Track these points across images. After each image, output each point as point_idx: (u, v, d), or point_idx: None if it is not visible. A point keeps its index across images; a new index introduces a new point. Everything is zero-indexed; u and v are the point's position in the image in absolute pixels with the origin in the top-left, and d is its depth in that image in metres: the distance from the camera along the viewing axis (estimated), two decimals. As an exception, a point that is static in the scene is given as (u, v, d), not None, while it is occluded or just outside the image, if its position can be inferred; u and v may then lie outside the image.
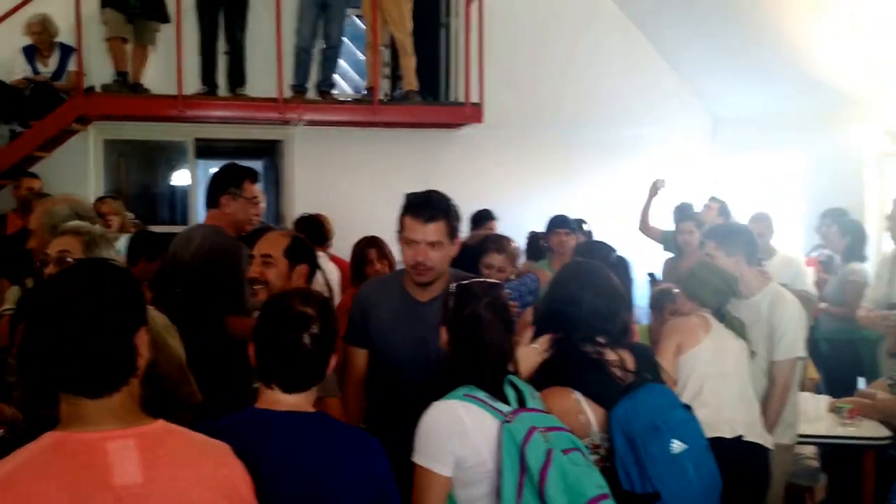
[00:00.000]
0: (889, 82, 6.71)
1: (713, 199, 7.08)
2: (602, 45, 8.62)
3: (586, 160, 8.76)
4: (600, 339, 2.83)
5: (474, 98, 7.78)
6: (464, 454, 2.42)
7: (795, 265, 6.05)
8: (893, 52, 6.45)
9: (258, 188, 4.23)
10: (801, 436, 4.33)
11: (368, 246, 5.40)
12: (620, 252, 4.20)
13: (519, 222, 7.37)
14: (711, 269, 3.93)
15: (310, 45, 7.67)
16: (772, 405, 3.91)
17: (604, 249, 4.12)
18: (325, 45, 7.76)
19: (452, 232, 3.12)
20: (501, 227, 6.65)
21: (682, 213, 6.70)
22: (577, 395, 2.74)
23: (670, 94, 8.89)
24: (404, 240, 3.09)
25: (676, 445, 2.62)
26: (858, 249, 6.32)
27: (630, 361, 2.83)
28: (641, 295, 5.99)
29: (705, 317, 3.82)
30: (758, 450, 3.63)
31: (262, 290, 3.19)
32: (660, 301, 5.33)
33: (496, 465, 2.41)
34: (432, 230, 3.04)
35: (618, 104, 8.73)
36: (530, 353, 2.84)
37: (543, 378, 2.80)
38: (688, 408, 2.82)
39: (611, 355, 2.81)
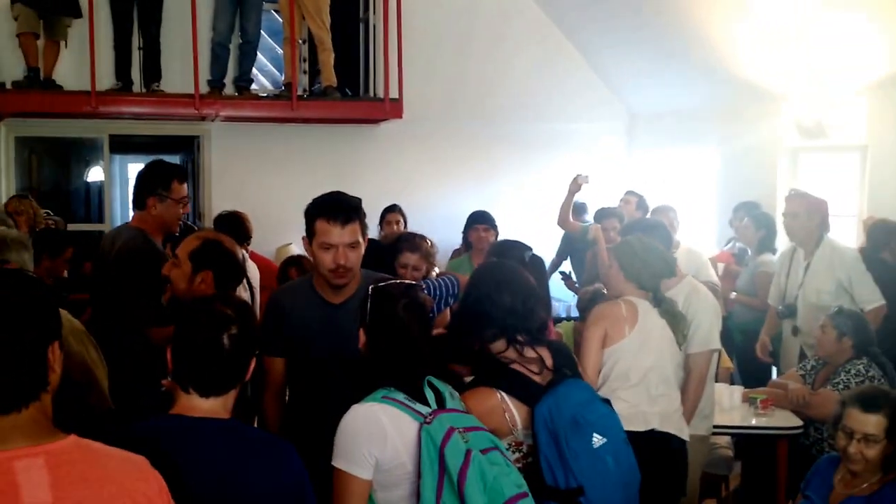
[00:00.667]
0: (801, 78, 6.88)
1: (631, 193, 7.18)
2: (521, 41, 8.67)
3: (506, 156, 8.81)
4: (520, 338, 2.83)
5: (394, 94, 7.74)
6: (383, 457, 2.41)
7: (698, 257, 6.15)
8: (806, 49, 6.62)
9: (185, 187, 4.13)
10: (716, 426, 4.43)
11: (290, 265, 5.33)
12: (534, 250, 4.22)
13: (440, 218, 7.39)
14: (653, 249, 3.84)
15: (226, 39, 7.54)
16: (688, 397, 3.97)
17: (518, 248, 4.14)
18: (241, 40, 7.64)
19: (364, 231, 3.14)
20: (423, 223, 6.61)
21: (604, 210, 6.74)
22: (502, 394, 2.75)
23: (588, 90, 8.98)
24: (321, 244, 3.05)
25: (597, 439, 2.66)
26: (770, 242, 6.51)
27: (549, 359, 2.85)
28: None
29: (634, 304, 3.74)
30: (673, 440, 3.66)
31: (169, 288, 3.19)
32: (591, 305, 5.42)
33: (415, 466, 2.41)
34: (349, 232, 3.03)
35: (536, 100, 8.80)
36: None
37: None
38: (606, 402, 2.87)
39: (530, 353, 2.82)
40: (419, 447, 2.39)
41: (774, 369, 5.95)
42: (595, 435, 2.67)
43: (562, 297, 7.71)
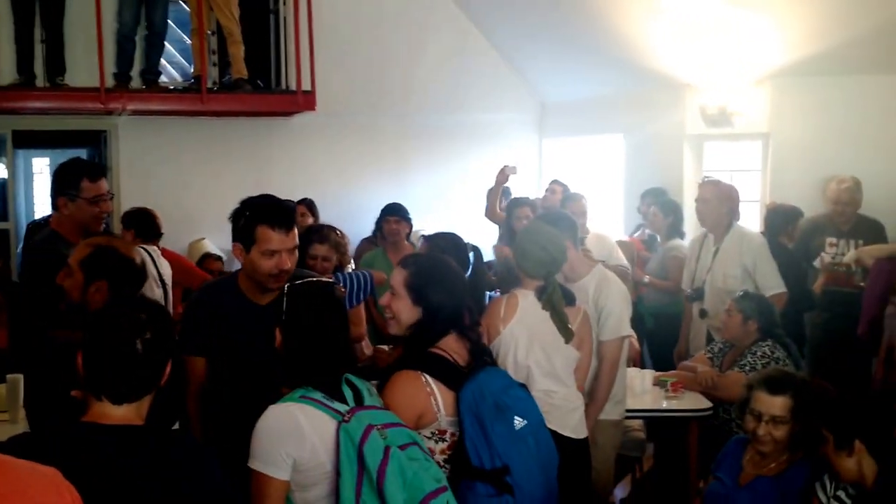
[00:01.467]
0: (705, 66, 7.09)
1: (556, 182, 7.24)
2: (433, 33, 8.68)
3: (419, 147, 8.83)
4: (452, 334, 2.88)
5: (306, 86, 7.66)
6: (301, 457, 2.41)
7: (608, 243, 6.24)
8: (710, 40, 6.81)
9: (104, 184, 4.02)
10: (629, 410, 4.53)
11: (209, 259, 5.26)
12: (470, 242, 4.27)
13: (354, 211, 7.38)
14: (535, 238, 3.78)
15: (132, 31, 7.33)
16: (601, 383, 4.07)
17: (457, 240, 4.17)
18: (147, 32, 7.45)
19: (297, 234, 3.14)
20: (337, 216, 6.59)
21: (517, 200, 6.79)
22: (426, 377, 2.76)
23: (500, 80, 9.05)
24: (263, 251, 3.02)
25: (518, 421, 2.75)
26: (678, 227, 6.70)
27: (468, 348, 2.90)
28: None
29: (517, 297, 3.69)
30: (563, 440, 3.50)
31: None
32: None
33: (334, 465, 2.42)
34: (292, 238, 3.05)
35: (449, 91, 8.82)
36: None
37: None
38: (523, 386, 2.95)
39: (453, 344, 2.87)
40: (338, 446, 2.40)
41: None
42: (516, 417, 2.75)
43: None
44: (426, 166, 8.83)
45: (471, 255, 4.22)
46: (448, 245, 4.10)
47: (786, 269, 5.50)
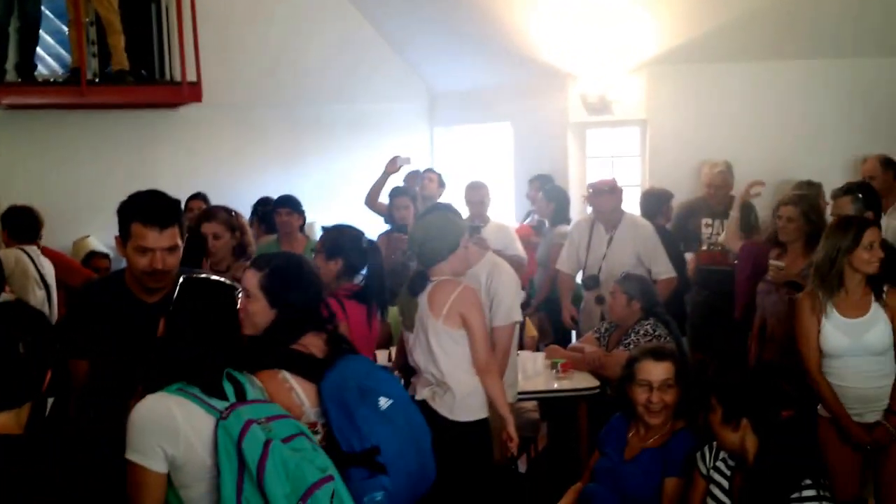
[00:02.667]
0: (585, 56, 7.28)
1: (430, 170, 7.34)
2: (321, 23, 8.63)
3: (311, 138, 8.81)
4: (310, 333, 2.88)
5: (191, 77, 7.53)
6: (177, 452, 2.38)
7: (507, 232, 6.38)
8: (589, 28, 7.00)
9: None
10: (522, 392, 4.70)
11: (94, 257, 5.16)
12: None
13: (247, 203, 7.31)
14: (416, 233, 4.02)
15: (5, 22, 7.07)
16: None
17: (355, 237, 4.20)
18: (21, 23, 7.18)
19: (182, 232, 3.04)
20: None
21: (396, 189, 6.81)
22: (285, 374, 2.75)
23: (389, 70, 9.07)
24: (136, 248, 2.93)
25: (383, 401, 2.76)
26: (563, 213, 6.89)
27: (325, 337, 2.91)
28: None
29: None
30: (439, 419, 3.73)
31: None
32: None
33: (215, 462, 2.39)
34: (168, 236, 2.93)
35: (340, 82, 8.80)
36: None
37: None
38: (385, 368, 3.02)
39: (311, 340, 2.87)
40: (216, 443, 2.38)
41: (574, 333, 6.31)
42: (381, 398, 2.76)
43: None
44: (318, 157, 8.81)
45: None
46: (344, 238, 4.15)
47: (666, 249, 5.76)
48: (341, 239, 4.12)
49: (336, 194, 8.17)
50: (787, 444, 3.01)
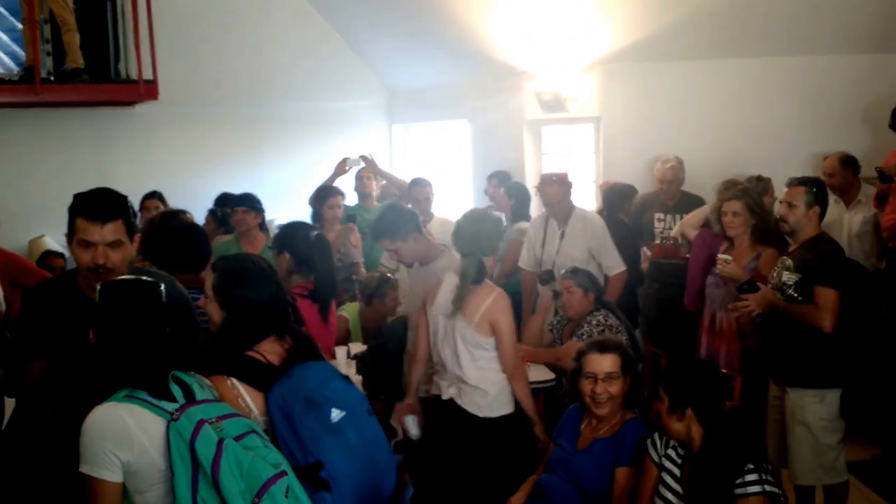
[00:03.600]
0: (539, 54, 7.36)
1: (365, 169, 7.28)
2: (279, 21, 8.63)
3: (272, 136, 8.81)
4: (272, 336, 2.86)
5: (147, 75, 7.49)
6: (131, 458, 2.39)
7: (451, 226, 6.46)
8: (543, 26, 7.08)
9: None
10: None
11: (49, 256, 5.12)
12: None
13: (208, 201, 7.31)
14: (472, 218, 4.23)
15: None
16: None
17: (303, 229, 4.26)
18: (-28, 21, 7.12)
19: (131, 230, 3.01)
20: (189, 207, 6.48)
21: (330, 188, 6.78)
22: (233, 381, 2.74)
23: (347, 67, 9.10)
24: (79, 242, 2.92)
25: (336, 413, 2.72)
26: (523, 209, 6.97)
27: (288, 345, 2.89)
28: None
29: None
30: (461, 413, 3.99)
31: None
32: (379, 290, 5.62)
33: (168, 465, 2.40)
34: (111, 230, 2.90)
35: (297, 79, 8.81)
36: None
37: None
38: (346, 378, 2.94)
39: (271, 346, 2.86)
40: (168, 445, 2.39)
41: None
42: (334, 410, 2.72)
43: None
44: (278, 155, 8.81)
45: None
46: (291, 232, 4.19)
47: (622, 242, 5.86)
48: (289, 232, 4.17)
49: (296, 192, 8.15)
50: (730, 432, 3.11)
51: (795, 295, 4.27)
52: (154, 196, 6.68)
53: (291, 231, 4.28)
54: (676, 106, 7.23)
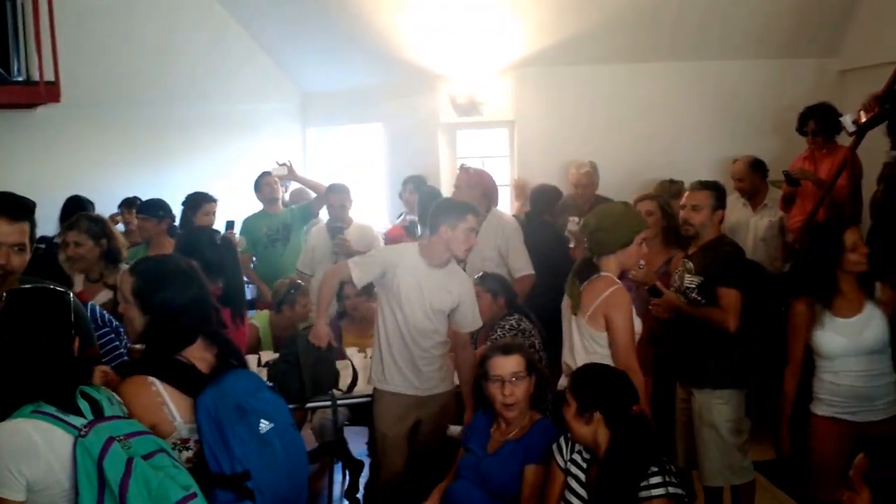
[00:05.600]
0: (453, 58, 7.37)
1: (267, 173, 7.09)
2: (187, 21, 8.40)
3: (182, 139, 8.58)
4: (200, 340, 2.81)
5: (49, 76, 7.22)
6: (35, 475, 2.31)
7: (369, 232, 6.43)
8: (456, 30, 7.09)
9: None
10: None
11: None
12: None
13: (110, 207, 7.10)
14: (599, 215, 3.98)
15: None
16: None
17: (209, 234, 4.14)
18: None
19: (33, 237, 2.97)
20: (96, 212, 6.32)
21: (204, 196, 6.65)
22: (157, 385, 2.66)
23: (260, 70, 8.94)
24: None
25: (264, 425, 2.69)
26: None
27: (217, 351, 2.84)
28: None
29: None
30: None
31: None
32: (288, 297, 5.50)
33: (73, 483, 2.33)
34: (17, 231, 2.87)
35: (209, 82, 8.60)
36: None
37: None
38: (273, 389, 2.92)
39: (200, 352, 2.80)
40: (74, 462, 2.31)
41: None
42: (262, 421, 2.70)
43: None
44: (188, 158, 8.59)
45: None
46: (197, 238, 4.07)
47: (546, 243, 5.86)
48: (194, 239, 4.06)
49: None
50: (636, 435, 3.10)
51: (698, 298, 4.32)
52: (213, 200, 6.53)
53: (196, 237, 4.15)
54: (590, 110, 7.30)
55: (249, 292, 6.95)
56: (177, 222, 6.28)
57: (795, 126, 6.20)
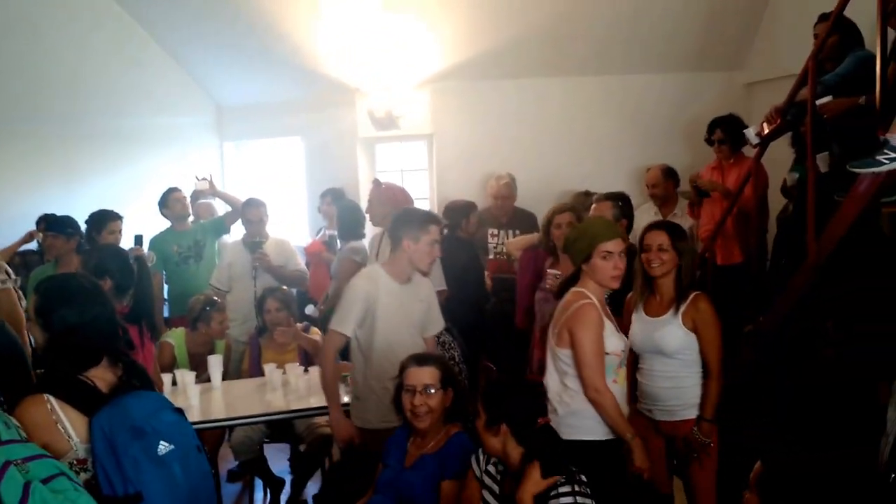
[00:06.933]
0: (371, 72, 7.37)
1: (176, 189, 6.99)
2: (96, 34, 8.16)
3: (92, 153, 8.30)
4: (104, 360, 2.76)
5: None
6: None
7: (287, 247, 6.42)
8: (372, 44, 7.11)
9: None
10: (314, 408, 4.77)
11: None
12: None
13: (19, 223, 6.86)
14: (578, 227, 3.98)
15: None
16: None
17: (121, 252, 4.06)
18: None
19: None
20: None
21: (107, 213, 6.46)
22: (53, 403, 2.61)
23: (173, 83, 8.74)
24: None
25: (163, 446, 2.64)
26: (356, 228, 6.90)
27: (120, 371, 2.80)
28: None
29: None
30: None
31: None
32: (204, 314, 5.42)
33: None
34: None
35: (121, 95, 8.36)
36: None
37: None
38: (179, 411, 2.86)
39: (102, 372, 2.75)
40: None
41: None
42: (162, 442, 2.65)
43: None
44: (99, 173, 8.35)
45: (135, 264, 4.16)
46: (107, 257, 4.00)
47: (462, 259, 5.88)
48: (105, 258, 3.99)
49: (122, 211, 7.82)
50: (545, 448, 3.13)
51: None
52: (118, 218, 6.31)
53: (108, 256, 4.08)
54: (506, 123, 7.39)
55: (166, 310, 6.85)
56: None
57: (704, 137, 6.38)
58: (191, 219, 7.00)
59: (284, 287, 5.97)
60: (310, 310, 6.25)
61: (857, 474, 3.25)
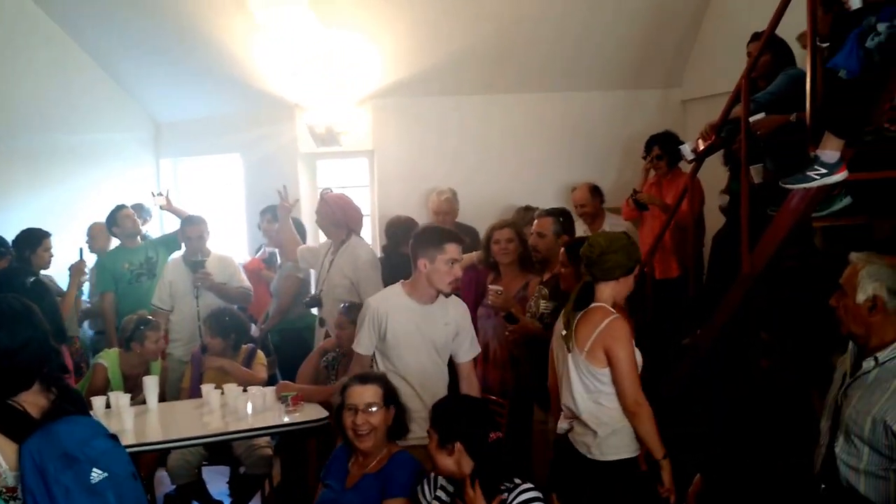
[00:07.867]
0: (310, 87, 7.32)
1: (125, 206, 6.92)
2: (29, 49, 7.97)
3: (27, 170, 8.10)
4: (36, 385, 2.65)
5: None
6: None
7: (229, 263, 6.35)
8: (312, 59, 7.06)
9: None
10: (256, 428, 4.66)
11: None
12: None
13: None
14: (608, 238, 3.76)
15: None
16: None
17: (20, 276, 3.96)
18: None
19: None
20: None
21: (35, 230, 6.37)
22: None
23: (108, 99, 8.56)
24: None
25: (96, 474, 2.56)
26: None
27: (53, 396, 2.68)
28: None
29: None
30: None
31: None
32: (137, 333, 5.32)
33: None
34: None
35: (54, 111, 8.16)
36: None
37: None
38: (114, 437, 2.76)
39: (34, 397, 2.65)
40: None
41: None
42: (95, 470, 2.56)
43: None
44: (35, 190, 8.12)
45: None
46: (8, 283, 3.91)
47: (401, 276, 5.83)
48: (5, 280, 3.89)
49: (56, 230, 7.63)
50: (498, 462, 3.13)
51: (552, 322, 4.41)
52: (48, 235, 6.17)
53: (7, 279, 3.98)
54: (447, 139, 7.43)
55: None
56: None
57: (641, 153, 6.47)
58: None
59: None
60: (252, 330, 6.18)
61: (793, 485, 3.32)
